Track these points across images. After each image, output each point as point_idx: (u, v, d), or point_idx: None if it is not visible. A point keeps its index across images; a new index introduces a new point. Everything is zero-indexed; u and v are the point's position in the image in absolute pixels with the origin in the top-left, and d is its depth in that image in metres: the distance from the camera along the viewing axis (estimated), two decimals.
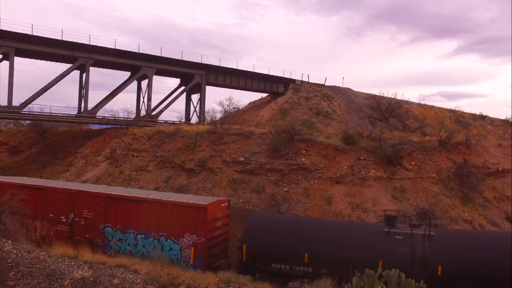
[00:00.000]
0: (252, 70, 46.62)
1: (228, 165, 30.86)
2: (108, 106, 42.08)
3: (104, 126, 41.33)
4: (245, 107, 54.87)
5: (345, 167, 29.09)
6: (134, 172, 32.49)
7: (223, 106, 47.38)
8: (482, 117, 62.70)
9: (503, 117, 65.32)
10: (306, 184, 28.49)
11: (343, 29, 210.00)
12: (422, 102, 61.90)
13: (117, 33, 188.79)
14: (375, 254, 12.87)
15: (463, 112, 61.51)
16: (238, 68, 45.87)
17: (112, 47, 39.73)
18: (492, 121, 63.21)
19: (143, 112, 43.54)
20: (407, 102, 52.96)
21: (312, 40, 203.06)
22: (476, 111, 77.53)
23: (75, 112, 41.03)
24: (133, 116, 41.83)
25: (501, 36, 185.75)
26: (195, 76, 43.42)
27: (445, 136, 31.73)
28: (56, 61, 40.80)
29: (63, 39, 37.06)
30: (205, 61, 44.78)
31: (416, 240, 13.20)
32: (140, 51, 40.93)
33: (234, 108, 52.97)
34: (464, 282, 12.43)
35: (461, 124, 56.24)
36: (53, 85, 37.15)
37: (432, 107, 60.69)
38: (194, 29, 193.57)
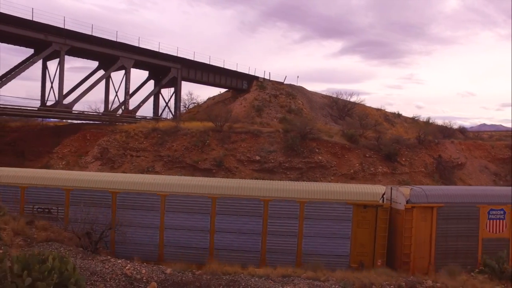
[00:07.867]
0: (222, 66, 46.00)
1: (243, 164, 30.81)
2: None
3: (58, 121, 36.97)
4: (204, 102, 53.79)
5: (357, 164, 31.51)
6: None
7: (184, 101, 46.05)
8: (398, 116, 71.50)
9: None
10: (324, 181, 29.95)
11: (237, 24, 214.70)
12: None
13: None
14: None
15: (385, 111, 69.27)
16: (210, 63, 44.85)
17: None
18: (405, 119, 72.54)
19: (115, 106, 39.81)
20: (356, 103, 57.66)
21: (207, 33, 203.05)
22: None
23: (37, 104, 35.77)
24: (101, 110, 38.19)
25: (378, 41, 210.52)
26: (171, 69, 41.22)
27: (423, 135, 36.36)
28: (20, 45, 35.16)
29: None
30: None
31: None
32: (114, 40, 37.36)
33: (194, 103, 51.70)
34: None
35: (389, 122, 63.84)
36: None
37: (364, 106, 66.95)
38: (79, 11, 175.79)
